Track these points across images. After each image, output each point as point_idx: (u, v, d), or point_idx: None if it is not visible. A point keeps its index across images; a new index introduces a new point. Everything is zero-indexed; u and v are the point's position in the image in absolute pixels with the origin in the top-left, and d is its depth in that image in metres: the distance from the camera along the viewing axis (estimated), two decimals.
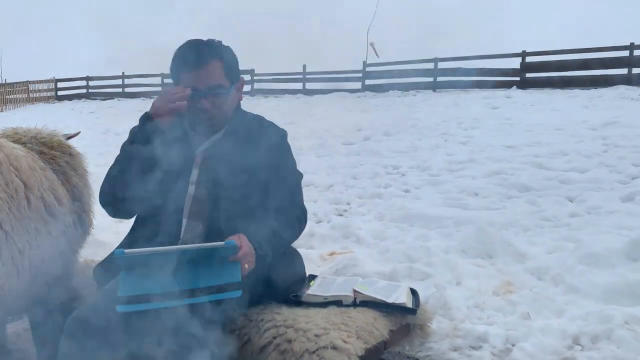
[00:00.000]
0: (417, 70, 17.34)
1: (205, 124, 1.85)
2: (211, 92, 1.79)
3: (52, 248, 1.93)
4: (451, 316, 2.66)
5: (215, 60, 1.79)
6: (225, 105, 1.85)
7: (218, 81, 1.80)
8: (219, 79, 1.80)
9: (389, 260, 3.48)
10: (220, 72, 1.80)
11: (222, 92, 1.81)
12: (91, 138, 12.09)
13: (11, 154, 1.84)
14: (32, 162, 1.94)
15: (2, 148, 1.82)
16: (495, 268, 3.31)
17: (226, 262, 1.60)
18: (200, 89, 1.78)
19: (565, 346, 2.35)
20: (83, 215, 2.16)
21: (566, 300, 2.76)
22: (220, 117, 1.86)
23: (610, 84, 12.96)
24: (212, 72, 1.79)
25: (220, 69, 1.80)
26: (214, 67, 1.79)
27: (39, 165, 1.98)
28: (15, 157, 1.84)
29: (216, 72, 1.79)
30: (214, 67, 1.79)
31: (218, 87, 1.80)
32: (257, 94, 19.91)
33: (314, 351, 1.61)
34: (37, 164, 1.98)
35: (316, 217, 4.86)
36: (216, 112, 1.83)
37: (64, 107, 21.68)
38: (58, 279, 2.01)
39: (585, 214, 4.49)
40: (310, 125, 11.14)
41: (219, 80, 1.80)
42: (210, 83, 1.79)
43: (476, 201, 5.13)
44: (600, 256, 3.10)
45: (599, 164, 6.09)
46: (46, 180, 1.96)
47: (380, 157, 7.58)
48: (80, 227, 2.15)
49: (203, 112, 1.81)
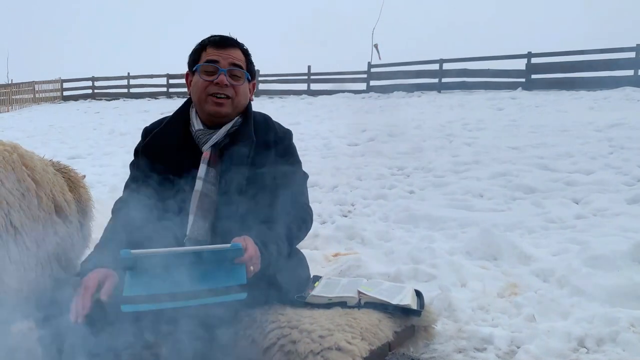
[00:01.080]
0: (422, 71, 17.34)
1: (217, 105, 1.87)
2: (232, 67, 1.87)
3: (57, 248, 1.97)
4: (456, 318, 2.65)
5: (238, 48, 1.93)
6: (240, 90, 1.89)
7: (239, 62, 1.90)
8: (240, 62, 1.91)
9: (394, 261, 3.47)
10: (242, 58, 1.92)
11: (241, 73, 1.90)
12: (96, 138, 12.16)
13: (26, 155, 1.94)
14: (46, 165, 2.06)
15: (17, 149, 1.92)
16: (500, 270, 3.30)
17: (231, 264, 1.60)
18: (221, 65, 1.86)
19: (570, 349, 2.34)
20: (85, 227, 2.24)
21: (571, 303, 2.75)
22: (232, 103, 1.88)
23: (616, 85, 12.91)
24: (235, 54, 1.90)
25: (242, 56, 1.93)
26: (237, 52, 1.92)
27: (51, 169, 2.09)
28: (30, 157, 1.94)
29: (238, 56, 1.91)
30: (237, 52, 1.92)
31: (238, 68, 1.89)
32: (262, 94, 19.97)
33: (318, 352, 1.61)
34: (50, 168, 2.09)
35: (320, 218, 4.86)
36: (230, 94, 1.87)
37: (69, 108, 21.77)
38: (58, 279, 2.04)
39: (591, 216, 4.47)
40: (314, 126, 11.15)
41: (240, 62, 1.90)
42: (231, 61, 1.88)
43: (481, 203, 5.12)
44: (606, 258, 3.08)
45: (604, 166, 6.07)
46: (57, 183, 2.05)
47: (385, 158, 7.57)
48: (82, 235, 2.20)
49: (220, 89, 1.85)
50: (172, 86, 22.99)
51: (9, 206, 1.76)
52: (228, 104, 1.87)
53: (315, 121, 12.02)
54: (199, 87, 1.87)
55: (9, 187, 1.78)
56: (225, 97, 1.86)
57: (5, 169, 1.80)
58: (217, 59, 1.86)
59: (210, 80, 1.85)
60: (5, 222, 1.74)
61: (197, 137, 1.90)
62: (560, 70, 14.91)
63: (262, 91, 20.31)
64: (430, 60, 17.17)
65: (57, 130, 14.36)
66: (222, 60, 1.86)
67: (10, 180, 1.79)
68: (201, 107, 1.89)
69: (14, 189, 1.79)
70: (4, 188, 1.76)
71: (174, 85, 22.85)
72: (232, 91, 1.87)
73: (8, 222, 1.75)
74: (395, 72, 18.03)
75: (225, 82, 1.84)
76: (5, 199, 1.76)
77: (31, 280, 1.84)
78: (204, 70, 1.87)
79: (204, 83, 1.86)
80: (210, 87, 1.85)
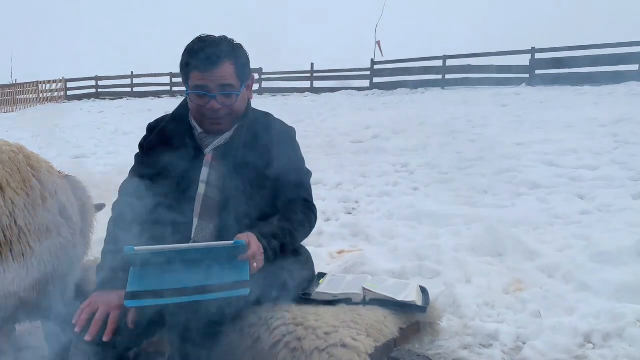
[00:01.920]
0: (426, 68, 17.31)
1: (215, 125, 1.85)
2: (222, 92, 1.78)
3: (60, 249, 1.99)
4: (461, 314, 2.65)
5: (226, 61, 1.77)
6: (236, 105, 1.84)
7: (229, 81, 1.78)
8: (230, 79, 1.78)
9: (399, 258, 3.47)
10: (232, 72, 1.78)
11: (233, 92, 1.80)
12: (100, 137, 12.20)
13: (32, 156, 1.96)
14: (51, 168, 2.08)
15: (22, 150, 1.95)
16: (505, 266, 3.29)
17: (235, 261, 1.60)
18: (210, 89, 1.77)
19: (576, 344, 2.33)
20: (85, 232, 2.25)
21: (577, 298, 2.74)
22: (230, 117, 1.85)
23: (621, 81, 12.84)
24: (223, 73, 1.76)
25: (231, 69, 1.78)
26: (225, 68, 1.77)
27: (56, 172, 2.11)
28: (35, 159, 1.97)
29: (227, 72, 1.77)
30: (225, 67, 1.77)
31: (228, 88, 1.79)
32: (265, 92, 19.97)
33: (323, 349, 1.61)
34: (55, 171, 2.11)
35: (325, 216, 4.86)
36: (226, 113, 1.82)
37: (73, 107, 21.83)
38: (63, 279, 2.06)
39: (596, 212, 4.46)
40: (318, 123, 11.15)
41: (230, 80, 1.78)
42: (220, 83, 1.77)
43: (486, 199, 5.11)
44: (612, 254, 3.07)
45: (609, 161, 6.05)
46: (62, 185, 2.07)
47: (389, 155, 7.56)
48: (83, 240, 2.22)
49: (213, 113, 1.80)
50: (175, 85, 23.00)
51: (14, 205, 1.79)
52: (226, 120, 1.84)
53: (318, 119, 12.01)
54: (194, 108, 1.84)
55: (15, 186, 1.81)
56: (222, 116, 1.83)
57: (11, 169, 1.83)
58: (205, 84, 1.76)
59: (203, 105, 1.80)
60: (10, 221, 1.77)
61: (200, 139, 1.89)
62: (564, 66, 14.84)
63: (265, 89, 20.30)
64: (434, 57, 17.13)
65: (62, 129, 14.40)
66: (210, 83, 1.76)
67: (15, 180, 1.82)
68: (199, 123, 1.88)
69: (19, 188, 1.81)
70: (9, 187, 1.79)
71: (178, 84, 22.84)
72: (229, 110, 1.82)
73: (12, 221, 1.78)
74: (398, 69, 18.01)
75: (217, 107, 1.79)
76: (11, 198, 1.78)
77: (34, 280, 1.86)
78: (195, 96, 1.81)
79: (198, 106, 1.81)
80: (204, 110, 1.81)
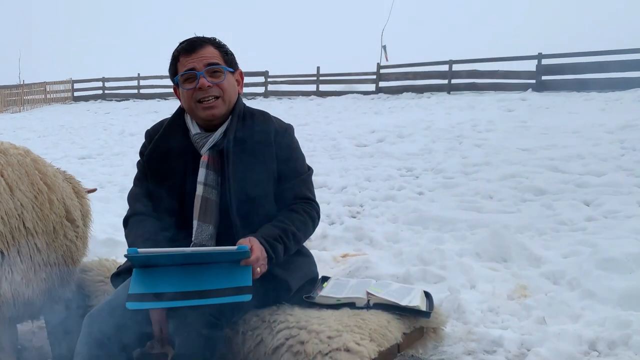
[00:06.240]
0: (432, 73, 17.29)
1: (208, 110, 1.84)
2: (208, 68, 1.83)
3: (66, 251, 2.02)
4: (465, 320, 2.64)
5: (210, 45, 1.88)
6: (224, 84, 1.86)
7: (215, 60, 1.85)
8: (216, 58, 1.86)
9: (403, 262, 3.46)
10: (217, 54, 1.87)
11: (219, 66, 1.85)
12: (107, 138, 12.24)
13: (38, 159, 2.00)
14: (57, 172, 2.13)
15: (29, 154, 1.98)
16: (510, 272, 3.27)
17: (237, 266, 1.60)
18: (197, 69, 1.83)
19: (581, 352, 2.32)
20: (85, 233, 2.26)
21: (582, 305, 2.72)
22: (223, 102, 1.86)
23: (628, 87, 12.78)
24: (207, 53, 1.85)
25: (215, 51, 1.88)
26: (210, 50, 1.87)
27: (61, 176, 2.15)
28: (42, 163, 2.00)
29: (212, 53, 1.86)
30: (210, 49, 1.87)
31: (215, 66, 1.85)
32: (270, 95, 20.00)
33: (326, 353, 1.61)
34: (60, 175, 2.15)
35: (329, 219, 4.86)
36: (217, 93, 1.84)
37: (80, 108, 21.92)
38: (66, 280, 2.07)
39: (602, 218, 4.43)
40: (323, 127, 11.15)
41: (216, 59, 1.86)
42: (207, 62, 1.84)
43: (491, 204, 5.09)
44: (618, 261, 3.05)
45: (616, 168, 6.01)
46: (67, 189, 2.11)
47: (394, 159, 7.56)
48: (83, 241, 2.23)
49: (204, 93, 1.82)
50: None
51: (23, 207, 1.81)
52: (219, 104, 1.86)
53: (324, 122, 12.02)
54: (186, 98, 1.87)
55: (23, 189, 1.83)
56: (213, 98, 1.84)
57: (20, 172, 1.85)
58: (192, 65, 1.83)
59: (193, 87, 1.83)
60: (18, 223, 1.79)
61: (195, 142, 1.89)
62: (571, 72, 14.78)
63: (271, 92, 20.33)
64: (440, 62, 17.11)
65: (68, 130, 14.47)
66: (197, 64, 1.83)
67: (24, 182, 1.85)
68: (194, 115, 1.89)
69: (27, 191, 1.84)
70: (18, 190, 1.81)
71: None
72: (218, 89, 1.85)
73: (21, 223, 1.80)
74: (404, 73, 18.00)
75: (207, 84, 1.82)
76: (20, 201, 1.81)
77: (40, 280, 1.87)
78: (184, 80, 1.86)
79: (189, 92, 1.85)
80: (195, 93, 1.84)
